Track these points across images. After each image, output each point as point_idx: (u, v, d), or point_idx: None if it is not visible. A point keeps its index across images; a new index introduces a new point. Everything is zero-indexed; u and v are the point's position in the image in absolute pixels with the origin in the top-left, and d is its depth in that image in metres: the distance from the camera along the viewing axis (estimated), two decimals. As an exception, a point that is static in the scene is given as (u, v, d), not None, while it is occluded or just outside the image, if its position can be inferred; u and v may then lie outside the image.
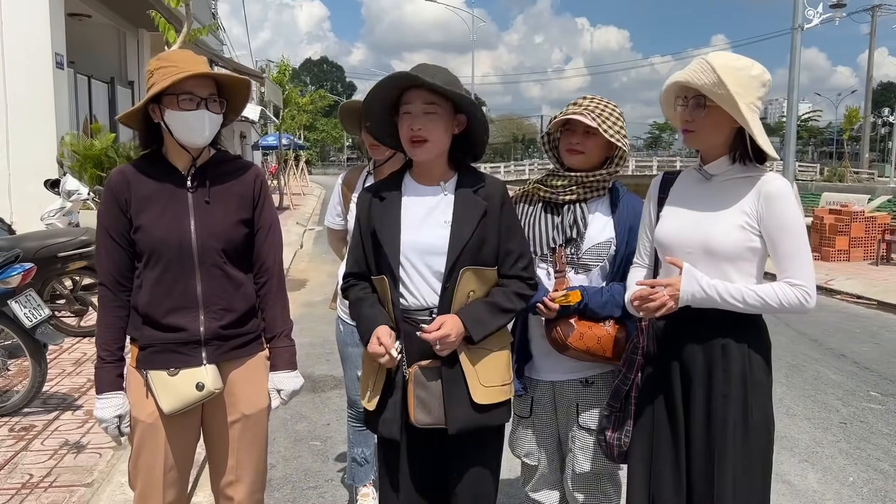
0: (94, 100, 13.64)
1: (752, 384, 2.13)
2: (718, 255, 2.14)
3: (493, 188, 2.24)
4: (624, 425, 2.36)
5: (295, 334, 2.50)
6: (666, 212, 2.31)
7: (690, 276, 2.10)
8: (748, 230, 2.12)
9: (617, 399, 2.38)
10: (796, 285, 2.09)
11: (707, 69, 2.07)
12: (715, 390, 2.14)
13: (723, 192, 2.18)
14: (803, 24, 12.50)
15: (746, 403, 2.12)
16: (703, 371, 2.16)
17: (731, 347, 2.14)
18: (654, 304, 2.12)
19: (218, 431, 2.40)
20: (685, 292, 2.11)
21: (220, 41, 23.69)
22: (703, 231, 2.16)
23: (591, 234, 2.52)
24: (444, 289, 2.18)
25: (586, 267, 2.53)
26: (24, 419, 4.46)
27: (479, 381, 2.19)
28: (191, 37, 7.93)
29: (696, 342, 2.18)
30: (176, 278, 2.27)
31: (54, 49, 10.54)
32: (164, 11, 8.37)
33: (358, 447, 3.55)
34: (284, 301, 2.46)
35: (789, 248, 2.09)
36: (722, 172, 2.20)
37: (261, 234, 2.40)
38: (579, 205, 2.54)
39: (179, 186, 2.29)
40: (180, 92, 2.19)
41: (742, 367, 2.13)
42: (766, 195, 2.10)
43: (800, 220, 2.11)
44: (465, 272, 2.17)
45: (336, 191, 3.37)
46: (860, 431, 4.86)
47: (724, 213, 2.15)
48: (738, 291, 2.09)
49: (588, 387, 2.58)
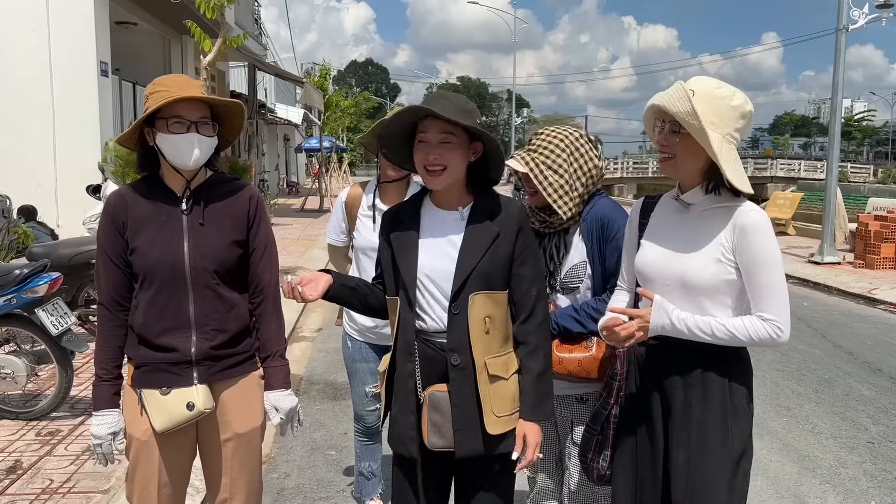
0: (139, 106, 13.97)
1: (733, 411, 2.12)
2: (695, 289, 2.12)
3: (509, 213, 2.22)
4: (603, 450, 2.35)
5: (322, 339, 2.55)
6: (646, 240, 2.29)
7: (661, 308, 2.09)
8: (724, 263, 2.09)
9: (597, 423, 2.37)
10: (768, 320, 2.05)
11: (682, 97, 2.03)
12: (693, 416, 2.12)
13: (700, 224, 2.15)
14: (848, 24, 12.15)
15: (727, 432, 2.10)
16: (682, 399, 2.14)
17: (711, 375, 2.12)
18: (624, 335, 2.11)
19: (212, 449, 2.45)
20: (654, 324, 2.10)
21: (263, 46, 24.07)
22: (679, 264, 2.14)
23: (569, 256, 2.55)
24: (453, 314, 2.17)
25: (567, 289, 2.56)
26: (51, 423, 4.61)
27: (493, 412, 2.17)
28: (227, 46, 8.10)
29: (676, 370, 2.16)
30: (169, 299, 2.32)
31: (99, 57, 10.87)
32: (201, 21, 8.54)
33: (365, 461, 3.58)
34: (280, 321, 2.49)
35: (763, 281, 2.05)
36: (698, 202, 2.17)
37: (256, 255, 2.44)
38: (554, 241, 2.58)
39: (174, 208, 2.35)
40: (170, 116, 2.25)
41: (723, 396, 2.11)
42: (741, 227, 2.07)
43: (775, 253, 2.08)
44: (476, 297, 2.15)
45: (339, 207, 3.39)
46: (888, 452, 4.71)
47: (701, 245, 2.12)
48: (707, 325, 2.07)
49: (583, 403, 2.57)
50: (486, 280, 2.16)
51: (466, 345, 2.15)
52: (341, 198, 3.39)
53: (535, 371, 2.20)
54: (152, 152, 2.35)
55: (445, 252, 2.21)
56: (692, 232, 2.15)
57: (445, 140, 2.15)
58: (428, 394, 2.19)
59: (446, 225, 2.25)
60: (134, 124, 2.31)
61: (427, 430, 2.19)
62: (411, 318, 2.22)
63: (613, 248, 2.51)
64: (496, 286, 2.18)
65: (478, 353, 2.15)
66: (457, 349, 2.16)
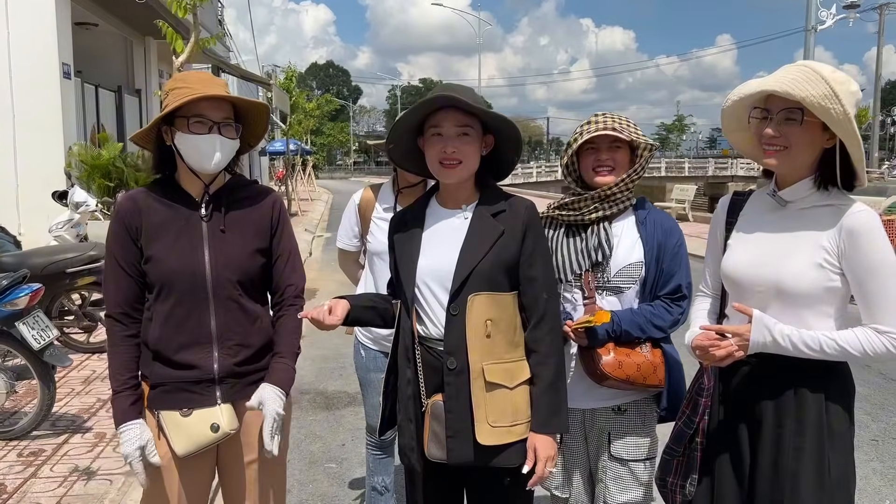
0: (102, 109, 13.59)
1: (831, 436, 1.92)
2: (793, 296, 1.93)
3: (516, 210, 2.11)
4: (690, 474, 2.15)
5: (306, 347, 2.39)
6: (734, 241, 2.11)
7: (761, 324, 1.91)
8: (827, 268, 1.90)
9: (679, 443, 2.17)
10: (885, 332, 1.86)
11: (816, 78, 1.83)
12: (785, 442, 1.93)
13: (799, 224, 1.96)
14: (817, 25, 12.34)
15: (822, 458, 1.91)
16: (772, 419, 1.96)
17: (805, 393, 1.94)
18: (720, 354, 1.93)
19: (234, 473, 2.28)
20: (755, 342, 1.92)
21: (227, 48, 23.65)
22: (775, 269, 1.95)
23: (621, 254, 2.41)
24: (452, 315, 2.06)
25: (617, 290, 2.41)
26: (32, 443, 4.35)
27: (486, 420, 2.04)
28: (198, 47, 7.85)
29: (767, 385, 1.99)
30: (189, 312, 2.15)
31: (61, 59, 10.49)
32: (171, 20, 8.28)
33: (378, 475, 3.42)
34: (298, 327, 2.32)
35: (876, 290, 1.86)
36: (800, 199, 1.97)
37: (280, 262, 2.28)
38: (603, 225, 2.42)
39: (192, 214, 2.18)
40: (192, 115, 2.08)
41: (819, 416, 1.92)
42: (848, 230, 1.87)
43: (890, 258, 1.87)
44: (475, 298, 2.04)
45: (352, 210, 3.23)
46: (893, 449, 4.71)
47: (800, 248, 1.93)
48: (814, 340, 1.88)
49: (620, 414, 2.45)
50: (489, 280, 2.05)
51: (463, 348, 2.04)
52: (354, 200, 3.23)
53: (546, 380, 2.07)
54: (169, 152, 2.17)
55: (445, 252, 2.10)
56: (790, 232, 1.97)
57: (464, 132, 2.07)
58: (431, 403, 2.09)
59: (450, 224, 2.15)
60: (152, 121, 2.13)
61: (427, 441, 2.10)
62: (409, 322, 2.13)
63: (673, 257, 2.40)
64: (500, 287, 2.07)
65: (474, 357, 2.04)
66: (454, 352, 2.05)
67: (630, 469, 2.43)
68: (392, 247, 2.26)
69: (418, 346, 2.13)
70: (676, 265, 2.41)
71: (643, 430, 2.48)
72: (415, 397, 2.13)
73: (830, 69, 1.89)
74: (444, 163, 2.07)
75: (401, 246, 2.20)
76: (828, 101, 1.81)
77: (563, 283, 2.44)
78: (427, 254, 2.14)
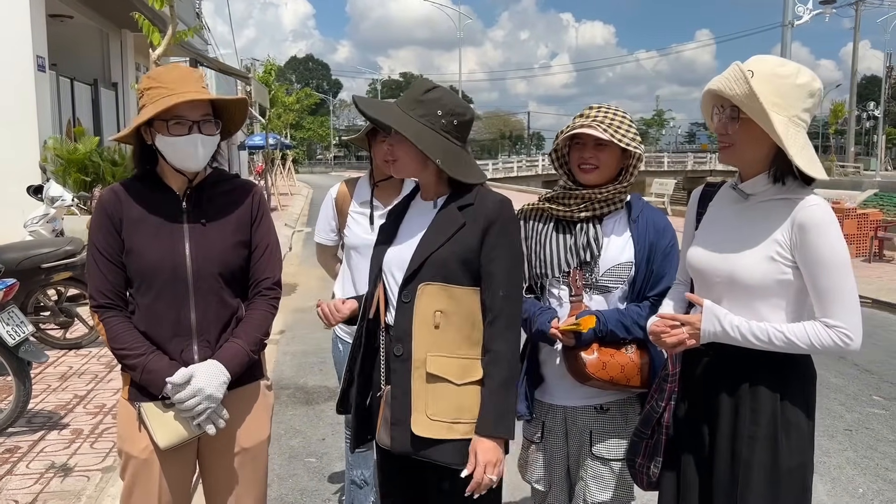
0: (78, 102, 13.42)
1: (786, 425, 1.95)
2: (745, 288, 1.96)
3: (484, 204, 2.07)
4: (655, 455, 2.19)
5: (286, 342, 2.40)
6: (700, 232, 2.14)
7: (711, 314, 1.95)
8: (779, 261, 1.92)
9: (647, 426, 2.20)
10: (833, 326, 1.87)
11: (739, 78, 1.87)
12: (740, 430, 1.96)
13: (757, 216, 1.99)
14: (793, 20, 12.45)
15: (776, 447, 1.94)
16: (729, 409, 2.00)
17: (761, 382, 1.96)
18: (671, 341, 1.99)
19: (216, 466, 2.27)
20: (705, 331, 1.96)
21: (205, 41, 23.44)
22: (729, 261, 1.99)
23: (610, 254, 2.37)
24: (403, 302, 2.07)
25: (605, 289, 2.39)
26: (8, 440, 4.30)
27: (424, 411, 2.01)
28: (175, 39, 7.77)
29: (721, 376, 2.02)
30: (169, 305, 2.14)
31: (35, 51, 10.36)
32: (148, 13, 8.19)
33: (357, 469, 3.42)
34: (266, 318, 2.28)
35: (826, 284, 1.87)
36: (759, 192, 2.00)
37: (257, 253, 2.27)
38: (593, 224, 2.39)
39: (174, 208, 2.17)
40: (170, 117, 2.07)
41: (773, 406, 1.95)
42: (800, 223, 1.89)
43: (840, 252, 1.88)
44: (426, 287, 2.03)
45: (329, 205, 3.22)
46: (866, 439, 4.79)
47: (753, 241, 1.96)
48: (763, 332, 1.91)
49: (603, 413, 2.44)
50: (444, 271, 2.03)
51: (409, 336, 2.04)
52: (331, 195, 3.22)
53: (496, 381, 2.00)
54: (150, 149, 2.16)
55: (408, 242, 2.14)
56: (746, 225, 2.00)
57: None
58: (386, 390, 2.11)
59: (421, 216, 2.18)
60: (131, 127, 2.11)
61: (380, 426, 2.12)
62: (372, 309, 2.18)
63: (665, 257, 2.37)
64: (457, 280, 2.04)
65: (418, 346, 2.03)
66: (401, 339, 2.07)
67: (611, 468, 2.42)
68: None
69: (383, 333, 2.15)
70: (667, 266, 2.37)
71: (625, 430, 2.45)
72: (374, 384, 2.17)
73: (772, 65, 1.90)
74: (386, 160, 2.23)
75: (380, 236, 2.25)
76: (748, 100, 1.86)
77: (551, 279, 2.43)
78: (395, 243, 2.19)
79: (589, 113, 2.38)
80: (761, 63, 1.90)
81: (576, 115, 2.44)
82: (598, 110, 2.37)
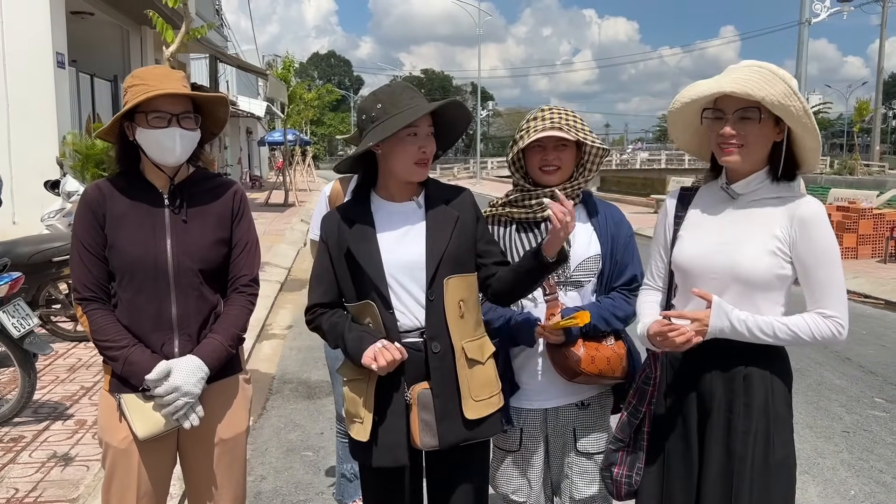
0: (97, 98, 13.61)
1: (775, 418, 2.00)
2: (748, 282, 2.01)
3: (464, 198, 2.28)
4: (636, 462, 2.21)
5: (293, 337, 2.44)
6: (685, 233, 2.17)
7: (720, 309, 1.96)
8: (779, 256, 1.99)
9: (625, 433, 2.23)
10: (830, 317, 1.95)
11: (772, 78, 1.92)
12: (735, 424, 2.00)
13: (751, 214, 2.05)
14: (811, 18, 12.32)
15: (769, 439, 1.98)
16: (722, 403, 2.03)
17: (753, 377, 2.01)
18: (680, 340, 1.98)
19: (195, 456, 2.34)
20: (714, 327, 1.97)
21: (225, 38, 23.63)
22: (730, 256, 2.02)
23: (578, 249, 2.42)
24: (430, 300, 2.14)
25: (578, 284, 2.44)
26: (13, 429, 4.42)
27: (471, 397, 2.16)
28: (189, 36, 7.88)
29: (717, 371, 2.05)
30: (149, 300, 2.21)
31: (55, 48, 10.51)
32: (162, 11, 8.30)
33: (347, 462, 3.49)
34: (247, 312, 2.33)
35: (823, 277, 1.96)
36: (751, 191, 2.06)
37: (236, 251, 2.33)
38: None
39: (156, 205, 2.24)
40: (150, 110, 2.14)
41: (765, 400, 2.00)
42: (800, 219, 1.97)
43: (835, 247, 1.98)
44: (450, 280, 2.15)
45: (323, 202, 3.30)
46: (863, 441, 4.76)
47: (754, 236, 2.01)
48: (768, 325, 1.96)
49: (584, 409, 2.48)
50: (457, 263, 2.18)
51: (444, 330, 2.14)
52: (325, 192, 3.29)
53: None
54: (132, 147, 2.23)
55: (409, 244, 2.19)
56: (743, 222, 2.05)
57: (432, 132, 2.20)
58: (416, 394, 2.14)
59: (404, 217, 2.23)
60: (113, 119, 2.20)
61: (418, 431, 2.14)
62: (391, 318, 2.16)
63: (625, 248, 2.45)
64: (466, 268, 2.21)
65: (455, 338, 2.15)
66: (436, 336, 2.14)
67: (596, 462, 2.45)
68: (338, 244, 2.21)
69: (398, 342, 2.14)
70: (629, 256, 2.46)
71: (605, 423, 2.52)
72: (400, 391, 2.16)
73: (773, 67, 1.97)
74: (421, 161, 2.16)
75: (355, 243, 2.18)
76: (787, 100, 1.92)
77: None
78: (389, 248, 2.18)
79: (543, 115, 2.42)
80: (764, 65, 1.97)
81: (525, 120, 2.47)
82: (552, 112, 2.43)
